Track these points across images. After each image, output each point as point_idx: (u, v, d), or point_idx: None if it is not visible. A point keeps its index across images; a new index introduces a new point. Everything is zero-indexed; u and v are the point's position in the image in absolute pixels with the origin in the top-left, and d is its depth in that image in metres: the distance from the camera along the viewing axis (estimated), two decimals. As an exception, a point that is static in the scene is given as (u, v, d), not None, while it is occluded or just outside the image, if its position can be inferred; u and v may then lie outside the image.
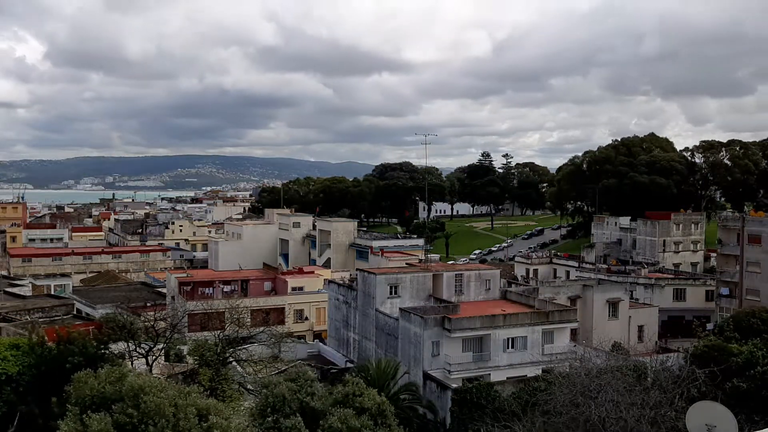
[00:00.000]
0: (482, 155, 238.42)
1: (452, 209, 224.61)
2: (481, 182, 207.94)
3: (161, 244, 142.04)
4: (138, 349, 36.78)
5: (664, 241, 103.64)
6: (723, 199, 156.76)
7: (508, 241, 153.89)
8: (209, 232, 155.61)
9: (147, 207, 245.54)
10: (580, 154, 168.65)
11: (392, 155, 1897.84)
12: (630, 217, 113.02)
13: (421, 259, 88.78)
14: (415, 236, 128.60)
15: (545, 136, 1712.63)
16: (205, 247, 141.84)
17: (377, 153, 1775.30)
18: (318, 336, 71.35)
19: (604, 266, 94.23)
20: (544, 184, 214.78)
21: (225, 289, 74.17)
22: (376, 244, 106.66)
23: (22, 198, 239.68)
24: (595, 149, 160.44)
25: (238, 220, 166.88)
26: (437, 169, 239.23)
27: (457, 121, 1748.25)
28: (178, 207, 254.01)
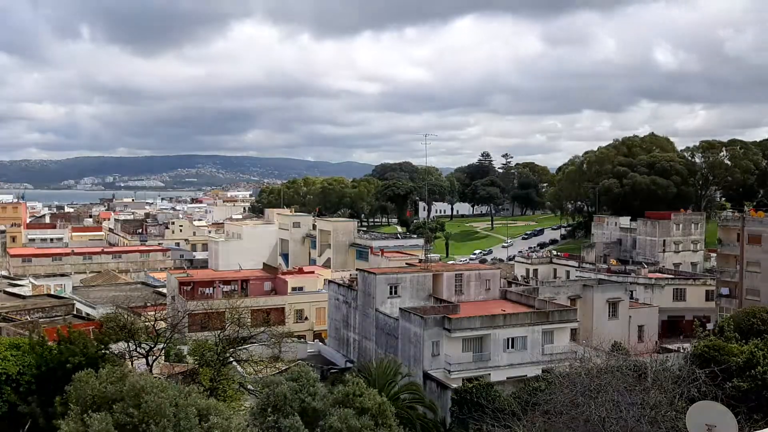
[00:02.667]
0: (482, 155, 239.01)
1: (452, 209, 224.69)
2: (481, 182, 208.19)
3: (161, 244, 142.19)
4: (138, 349, 36.76)
5: (664, 241, 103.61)
6: (723, 199, 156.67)
7: (508, 241, 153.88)
8: (209, 232, 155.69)
9: (147, 207, 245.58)
10: (547, 155, 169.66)
11: (370, 156, 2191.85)
12: (630, 217, 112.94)
13: (421, 259, 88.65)
14: (415, 236, 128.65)
15: (490, 142, 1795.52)
16: (205, 247, 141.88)
17: (351, 153, 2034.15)
18: (318, 336, 71.34)
19: (604, 266, 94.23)
20: (544, 184, 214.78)
21: (225, 289, 74.12)
22: (376, 244, 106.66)
23: (22, 198, 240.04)
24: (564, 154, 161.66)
25: (238, 220, 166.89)
26: (437, 169, 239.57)
27: (401, 129, 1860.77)
28: (178, 207, 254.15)
